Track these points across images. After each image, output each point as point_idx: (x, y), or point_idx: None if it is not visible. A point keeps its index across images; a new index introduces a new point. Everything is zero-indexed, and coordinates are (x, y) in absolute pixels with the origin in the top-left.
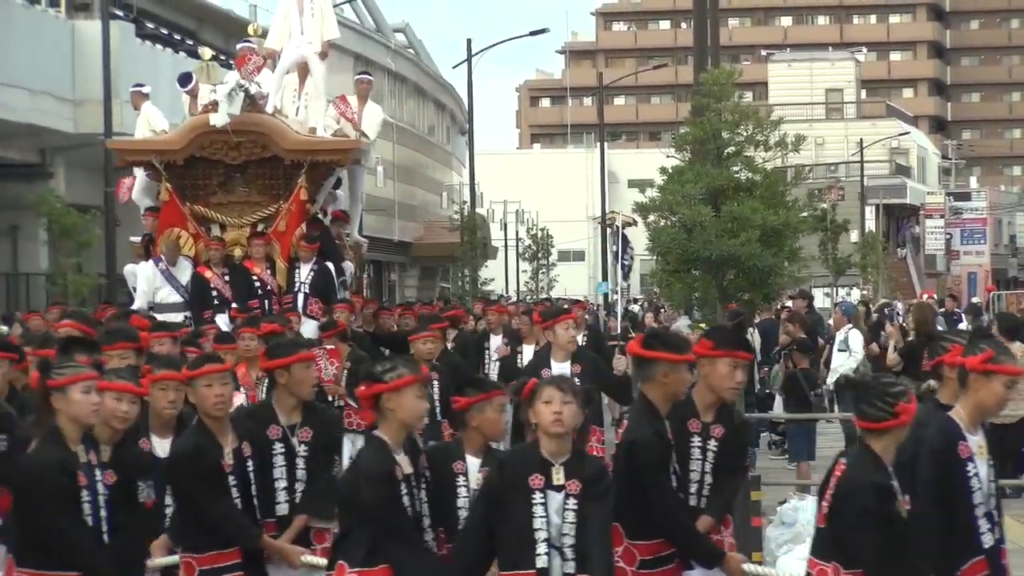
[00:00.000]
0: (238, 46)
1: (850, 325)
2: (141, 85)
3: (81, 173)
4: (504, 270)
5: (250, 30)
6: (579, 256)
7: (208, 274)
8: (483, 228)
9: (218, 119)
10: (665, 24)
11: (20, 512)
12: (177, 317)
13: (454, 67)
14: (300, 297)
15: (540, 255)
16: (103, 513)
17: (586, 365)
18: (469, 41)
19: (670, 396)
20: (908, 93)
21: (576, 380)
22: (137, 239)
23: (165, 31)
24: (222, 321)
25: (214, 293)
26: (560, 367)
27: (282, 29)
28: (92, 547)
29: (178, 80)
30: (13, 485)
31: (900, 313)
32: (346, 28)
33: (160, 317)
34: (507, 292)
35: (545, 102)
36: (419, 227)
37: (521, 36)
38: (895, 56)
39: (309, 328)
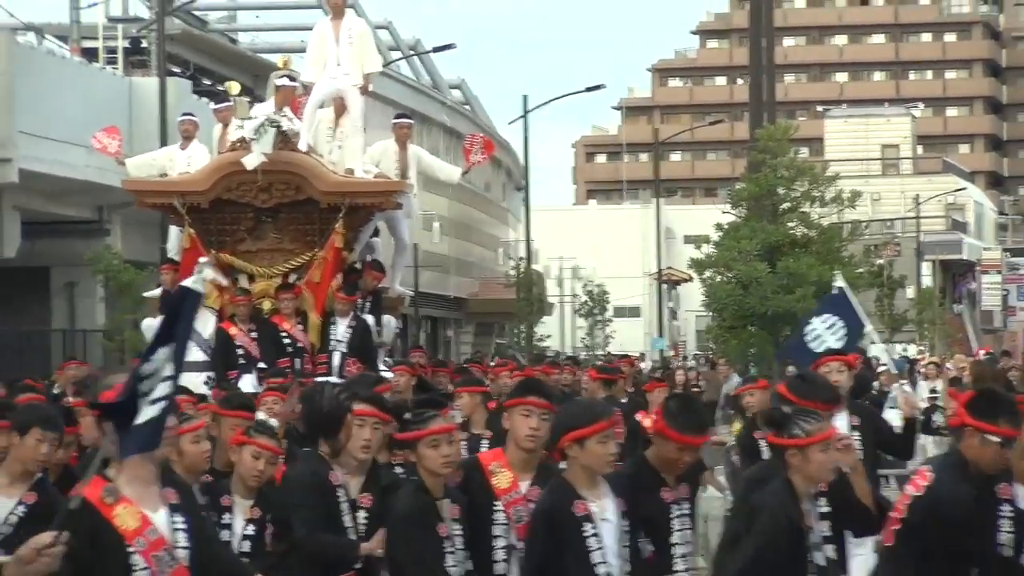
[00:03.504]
0: (277, 82)
1: (902, 382)
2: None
3: (137, 229)
4: (560, 326)
5: (280, 62)
6: (635, 312)
7: (233, 330)
8: (539, 284)
9: (251, 160)
10: (721, 80)
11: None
12: (199, 377)
13: (510, 123)
14: (336, 356)
15: (596, 311)
16: None
17: (864, 417)
18: (525, 97)
19: None
20: (964, 149)
21: (856, 435)
22: (155, 293)
23: (222, 88)
24: (248, 382)
25: (239, 351)
26: (837, 419)
27: (316, 59)
28: None
29: (214, 99)
30: None
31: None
32: (402, 84)
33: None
34: (563, 348)
35: (601, 158)
36: (475, 283)
37: (577, 92)
38: (951, 112)
39: None
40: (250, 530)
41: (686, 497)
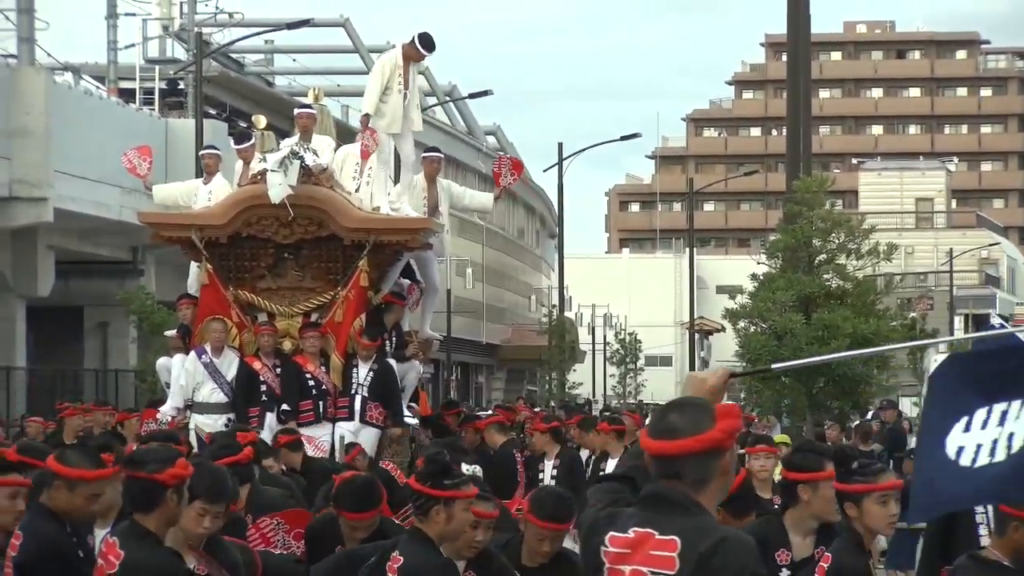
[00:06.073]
0: (295, 111)
1: None
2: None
3: (171, 270)
4: (592, 374)
5: (311, 96)
6: (666, 361)
7: (257, 365)
8: (571, 332)
9: (277, 193)
10: (756, 131)
11: None
12: (219, 420)
13: (545, 170)
14: (357, 400)
15: (628, 360)
16: None
17: None
18: (560, 145)
19: None
20: (999, 203)
21: None
22: (172, 332)
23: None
24: (270, 423)
25: (263, 387)
26: None
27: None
28: None
29: (233, 137)
30: None
31: None
32: (437, 130)
33: (200, 418)
34: (594, 396)
35: (634, 207)
36: (507, 330)
37: (612, 140)
38: (986, 166)
39: (367, 436)
40: None
41: None
